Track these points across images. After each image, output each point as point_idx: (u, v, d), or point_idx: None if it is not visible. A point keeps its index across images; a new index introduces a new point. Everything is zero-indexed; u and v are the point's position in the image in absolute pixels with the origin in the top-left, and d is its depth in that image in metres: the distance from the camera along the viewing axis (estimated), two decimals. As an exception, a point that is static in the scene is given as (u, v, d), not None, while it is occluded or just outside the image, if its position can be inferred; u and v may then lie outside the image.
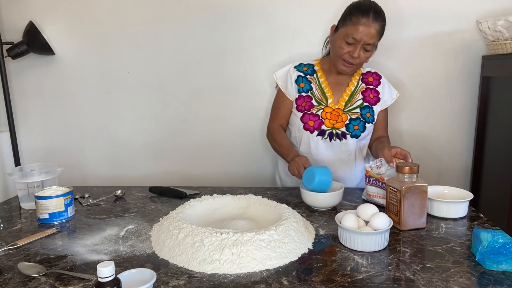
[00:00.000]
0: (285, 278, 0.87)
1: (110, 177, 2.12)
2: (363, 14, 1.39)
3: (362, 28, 1.39)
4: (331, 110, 1.53)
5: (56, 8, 1.97)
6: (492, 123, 1.81)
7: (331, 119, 1.53)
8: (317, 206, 1.27)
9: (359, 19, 1.39)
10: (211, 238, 0.94)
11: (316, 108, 1.54)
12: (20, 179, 1.33)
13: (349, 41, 1.42)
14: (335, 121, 1.52)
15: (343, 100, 1.55)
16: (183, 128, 2.06)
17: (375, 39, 1.43)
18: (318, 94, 1.56)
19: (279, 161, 1.74)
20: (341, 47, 1.45)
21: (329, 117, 1.53)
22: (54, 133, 2.11)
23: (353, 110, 1.54)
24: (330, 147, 1.55)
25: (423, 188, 1.10)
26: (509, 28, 1.59)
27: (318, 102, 1.55)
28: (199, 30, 1.95)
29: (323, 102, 1.55)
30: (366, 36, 1.40)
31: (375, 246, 0.98)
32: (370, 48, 1.44)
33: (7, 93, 1.94)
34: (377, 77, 1.61)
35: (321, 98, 1.55)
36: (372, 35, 1.40)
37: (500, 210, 1.65)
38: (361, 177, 1.63)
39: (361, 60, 1.46)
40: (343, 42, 1.44)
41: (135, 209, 1.33)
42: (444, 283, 0.83)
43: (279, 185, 1.76)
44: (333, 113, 1.53)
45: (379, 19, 1.41)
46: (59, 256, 0.99)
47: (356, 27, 1.40)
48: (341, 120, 1.53)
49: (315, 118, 1.53)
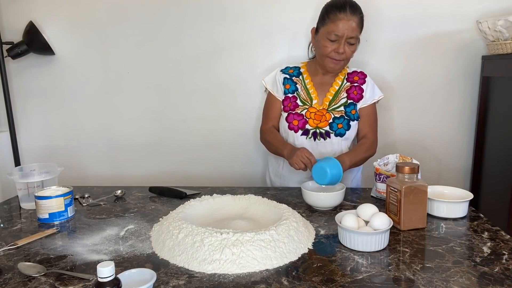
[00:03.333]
0: (285, 278, 0.87)
1: (110, 177, 2.12)
2: (340, 10, 1.42)
3: (342, 23, 1.42)
4: (315, 111, 1.55)
5: (56, 8, 1.97)
6: (492, 123, 1.81)
7: (315, 119, 1.54)
8: (319, 206, 1.27)
9: (337, 15, 1.42)
10: (211, 238, 0.93)
11: (301, 108, 1.56)
12: (20, 179, 1.33)
13: (332, 39, 1.45)
14: (318, 120, 1.54)
15: (327, 100, 1.56)
16: (183, 128, 2.06)
17: (357, 31, 1.45)
18: (303, 94, 1.58)
19: (269, 162, 1.74)
20: (325, 46, 1.47)
21: (313, 117, 1.54)
22: (54, 133, 2.11)
23: (337, 109, 1.55)
24: (315, 146, 1.56)
25: (423, 188, 1.10)
26: (509, 28, 1.59)
27: (303, 102, 1.57)
28: (198, 30, 1.95)
29: (307, 102, 1.57)
30: (347, 30, 1.42)
31: (375, 246, 0.98)
32: (354, 41, 1.46)
33: (7, 93, 1.94)
34: (363, 76, 1.61)
35: (306, 99, 1.57)
36: (353, 28, 1.43)
37: (500, 210, 1.65)
38: (351, 177, 1.63)
39: (347, 55, 1.48)
40: (326, 41, 1.46)
41: (135, 209, 1.33)
42: (444, 283, 0.83)
43: (269, 185, 1.75)
44: (317, 114, 1.55)
45: (356, 12, 1.43)
46: (59, 256, 0.99)
47: (336, 24, 1.42)
48: (324, 120, 1.54)
49: (300, 117, 1.55)
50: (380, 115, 1.97)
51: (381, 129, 1.99)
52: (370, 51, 1.90)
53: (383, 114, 1.96)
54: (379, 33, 1.89)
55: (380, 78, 1.91)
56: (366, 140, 1.56)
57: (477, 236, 1.06)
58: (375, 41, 1.90)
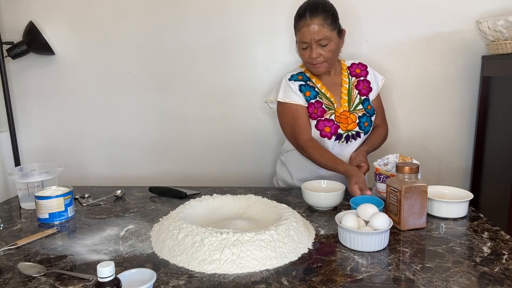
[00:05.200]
0: (285, 278, 0.87)
1: (110, 177, 2.12)
2: (300, 18, 1.43)
3: (305, 30, 1.41)
4: (340, 113, 1.53)
5: (56, 8, 1.97)
6: (492, 123, 1.81)
7: (343, 122, 1.51)
8: (319, 206, 1.28)
9: (299, 24, 1.43)
10: (211, 238, 0.93)
11: (328, 113, 1.51)
12: (20, 179, 1.33)
13: (303, 47, 1.46)
14: (347, 123, 1.51)
15: (344, 101, 1.54)
16: (183, 128, 2.06)
17: (323, 32, 1.41)
18: (324, 98, 1.53)
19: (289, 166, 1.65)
20: (302, 54, 1.48)
21: (341, 120, 1.51)
22: (54, 133, 2.11)
23: (357, 108, 1.55)
24: (345, 147, 1.54)
25: (423, 188, 1.10)
26: (509, 28, 1.59)
27: (327, 107, 1.52)
28: (199, 30, 1.95)
29: (331, 106, 1.53)
30: (312, 35, 1.41)
31: (375, 246, 0.98)
32: (326, 41, 1.42)
33: (7, 93, 1.94)
34: (363, 67, 1.61)
35: (328, 103, 1.53)
36: (317, 31, 1.40)
37: (500, 210, 1.65)
38: None
39: (325, 56, 1.45)
40: (301, 50, 1.48)
41: (135, 209, 1.33)
42: (444, 283, 0.83)
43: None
44: (342, 116, 1.52)
45: (316, 13, 1.40)
46: (59, 256, 0.99)
47: (301, 32, 1.43)
48: (351, 121, 1.52)
49: (330, 123, 1.50)
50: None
51: (381, 129, 1.99)
52: (370, 51, 1.90)
53: (383, 114, 1.96)
54: (379, 33, 1.89)
55: (380, 78, 1.92)
56: (381, 129, 1.62)
57: (477, 236, 1.06)
58: (375, 41, 1.90)
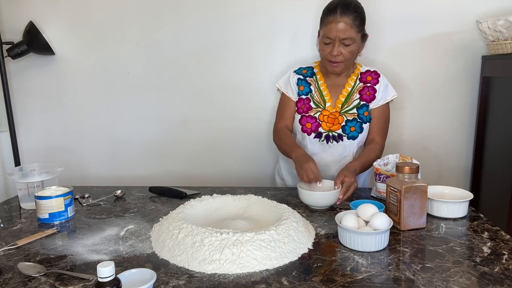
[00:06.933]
0: (285, 278, 0.87)
1: (110, 177, 2.12)
2: (330, 12, 1.43)
3: (332, 26, 1.42)
4: (329, 114, 1.54)
5: (56, 8, 1.97)
6: (492, 123, 1.81)
7: (328, 122, 1.54)
8: (315, 205, 1.28)
9: (328, 19, 1.43)
10: (211, 238, 0.93)
11: (314, 110, 1.55)
12: (20, 179, 1.33)
13: (326, 42, 1.46)
14: (331, 123, 1.53)
15: (339, 102, 1.55)
16: (183, 128, 2.06)
17: (350, 32, 1.42)
18: (316, 96, 1.57)
19: (280, 160, 1.73)
20: (323, 49, 1.49)
21: (326, 120, 1.54)
22: (54, 133, 2.11)
23: (349, 111, 1.55)
24: (327, 148, 1.56)
25: (423, 188, 1.10)
26: (509, 28, 1.59)
27: (316, 104, 1.56)
28: (199, 30, 1.95)
29: (321, 105, 1.56)
30: (338, 32, 1.42)
31: (375, 246, 0.98)
32: (349, 42, 1.44)
33: (7, 93, 1.94)
34: (376, 76, 1.59)
35: (319, 101, 1.56)
36: (344, 29, 1.41)
37: (500, 210, 1.65)
38: (362, 179, 1.64)
39: (345, 56, 1.46)
40: (322, 44, 1.48)
41: (135, 209, 1.33)
42: (444, 283, 0.83)
43: (279, 184, 1.75)
44: (330, 116, 1.54)
45: (347, 12, 1.41)
46: (59, 256, 0.99)
47: (328, 27, 1.43)
48: (337, 123, 1.53)
49: (313, 120, 1.54)
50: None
51: (381, 129, 1.99)
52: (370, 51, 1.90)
53: (383, 114, 1.96)
54: (379, 33, 1.88)
55: (380, 78, 1.92)
56: (375, 146, 1.53)
57: (477, 236, 1.06)
58: (375, 41, 1.89)
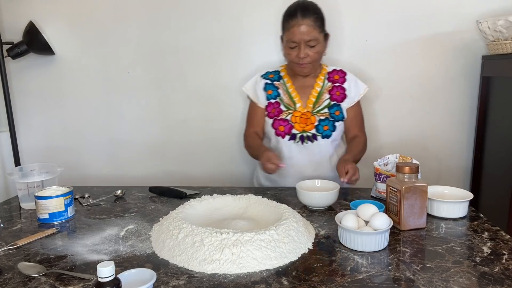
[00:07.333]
0: (285, 278, 0.87)
1: (110, 177, 2.12)
2: (291, 17, 1.45)
3: (295, 29, 1.44)
4: (300, 114, 1.55)
5: (56, 8, 1.97)
6: (492, 123, 1.81)
7: (300, 122, 1.55)
8: (314, 205, 1.28)
9: (290, 23, 1.45)
10: (211, 238, 0.93)
11: (285, 113, 1.57)
12: (20, 179, 1.33)
13: (291, 46, 1.47)
14: (304, 124, 1.54)
15: (310, 102, 1.57)
16: (183, 128, 2.06)
17: (313, 33, 1.44)
18: (286, 99, 1.58)
19: (257, 166, 1.73)
20: (289, 53, 1.50)
21: (298, 120, 1.55)
22: (54, 133, 2.11)
23: (321, 111, 1.56)
24: (303, 149, 1.57)
25: (423, 188, 1.10)
26: (509, 28, 1.59)
27: (286, 107, 1.57)
28: (199, 31, 1.95)
29: (291, 107, 1.57)
30: (302, 35, 1.43)
31: (375, 246, 0.98)
32: (314, 43, 1.46)
33: (7, 93, 1.94)
34: (343, 74, 1.61)
35: (289, 103, 1.57)
36: (307, 32, 1.43)
37: (500, 210, 1.65)
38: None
39: (312, 57, 1.48)
40: (288, 49, 1.49)
41: (135, 209, 1.33)
42: (444, 283, 0.83)
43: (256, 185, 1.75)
44: (302, 117, 1.55)
45: (308, 14, 1.43)
46: (59, 256, 0.99)
47: (290, 31, 1.45)
48: (310, 123, 1.55)
49: (285, 123, 1.56)
50: (380, 115, 1.98)
51: (381, 129, 1.99)
52: (370, 51, 1.90)
53: (383, 114, 1.96)
54: (379, 33, 1.89)
55: (380, 78, 1.91)
56: (359, 140, 1.59)
57: (477, 236, 1.06)
58: (375, 41, 1.90)
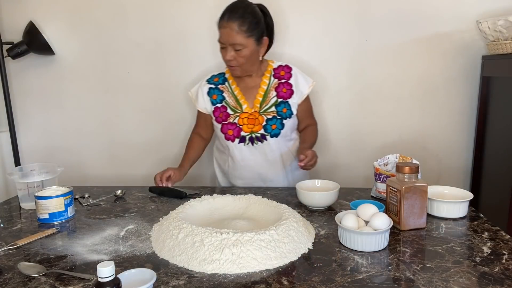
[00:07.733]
0: (285, 278, 0.87)
1: (110, 177, 2.12)
2: (221, 18, 1.44)
3: (222, 31, 1.43)
4: (248, 115, 1.55)
5: (56, 8, 1.97)
6: (492, 123, 1.81)
7: (248, 124, 1.54)
8: (314, 205, 1.28)
9: (219, 24, 1.44)
10: (211, 238, 0.93)
11: (232, 116, 1.56)
12: (20, 179, 1.33)
13: (221, 46, 1.46)
14: (252, 125, 1.54)
15: (257, 101, 1.56)
16: (183, 128, 2.06)
17: (236, 37, 1.40)
18: (232, 102, 1.57)
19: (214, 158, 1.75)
20: (221, 53, 1.48)
21: (246, 122, 1.54)
22: (54, 133, 2.11)
23: (268, 110, 1.55)
24: (254, 150, 1.57)
25: (423, 188, 1.10)
26: (509, 28, 1.59)
27: (233, 110, 1.56)
28: (198, 30, 1.95)
29: (238, 109, 1.56)
30: (227, 37, 1.41)
31: (375, 246, 0.98)
32: (239, 47, 1.42)
33: (7, 93, 1.94)
34: (288, 70, 1.59)
35: (235, 106, 1.56)
36: (231, 35, 1.40)
37: (500, 210, 1.65)
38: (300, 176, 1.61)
39: (238, 61, 1.45)
40: (220, 49, 1.48)
41: (135, 209, 1.33)
42: (444, 283, 0.83)
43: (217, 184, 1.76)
44: (250, 118, 1.54)
45: (233, 18, 1.40)
46: (59, 256, 0.99)
47: (220, 32, 1.44)
48: (258, 123, 1.54)
49: (233, 126, 1.55)
50: (380, 115, 1.98)
51: (381, 129, 1.99)
52: (370, 51, 1.90)
53: (383, 114, 1.96)
54: (379, 33, 1.89)
55: (380, 78, 1.92)
56: (313, 127, 1.65)
57: (477, 236, 1.06)
58: (375, 41, 1.90)
